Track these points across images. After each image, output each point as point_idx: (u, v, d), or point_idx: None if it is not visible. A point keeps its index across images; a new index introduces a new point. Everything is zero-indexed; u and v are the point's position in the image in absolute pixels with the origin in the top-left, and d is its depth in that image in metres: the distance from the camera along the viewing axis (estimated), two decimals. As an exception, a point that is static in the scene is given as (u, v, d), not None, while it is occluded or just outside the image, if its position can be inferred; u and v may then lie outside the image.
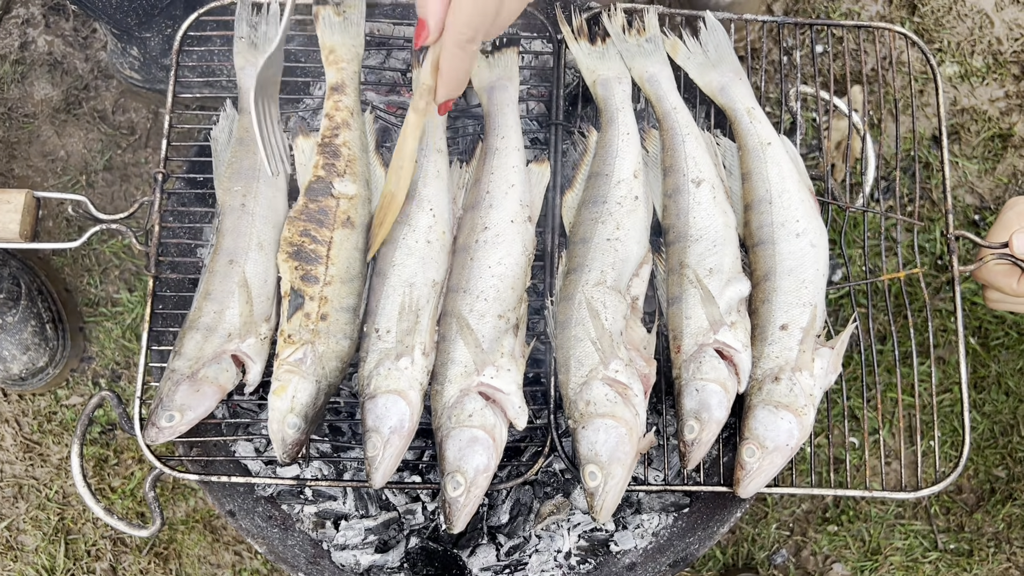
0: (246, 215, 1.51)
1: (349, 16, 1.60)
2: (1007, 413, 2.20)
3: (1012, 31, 2.43)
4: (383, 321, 1.44)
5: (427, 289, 1.46)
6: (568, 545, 1.70)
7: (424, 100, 1.34)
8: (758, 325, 1.46)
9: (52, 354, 2.11)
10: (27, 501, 2.15)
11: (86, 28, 2.38)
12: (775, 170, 1.52)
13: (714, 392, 1.40)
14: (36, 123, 2.32)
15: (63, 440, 2.17)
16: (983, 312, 2.23)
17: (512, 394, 1.40)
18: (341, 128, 1.54)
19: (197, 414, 1.43)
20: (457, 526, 1.36)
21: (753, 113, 1.58)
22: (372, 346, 1.44)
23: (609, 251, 1.47)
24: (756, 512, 2.16)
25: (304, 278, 1.45)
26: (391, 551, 1.68)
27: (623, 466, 1.34)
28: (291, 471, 1.69)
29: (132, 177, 2.30)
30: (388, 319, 1.44)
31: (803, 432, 1.39)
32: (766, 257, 1.48)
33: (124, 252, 2.25)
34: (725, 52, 1.62)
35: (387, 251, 1.49)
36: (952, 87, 2.40)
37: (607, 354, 1.39)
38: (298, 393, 1.40)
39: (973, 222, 2.32)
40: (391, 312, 1.44)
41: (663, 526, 1.70)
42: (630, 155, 1.54)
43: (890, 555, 2.13)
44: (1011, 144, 2.36)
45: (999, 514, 2.14)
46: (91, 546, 2.13)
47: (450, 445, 1.37)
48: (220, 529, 2.14)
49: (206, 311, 1.46)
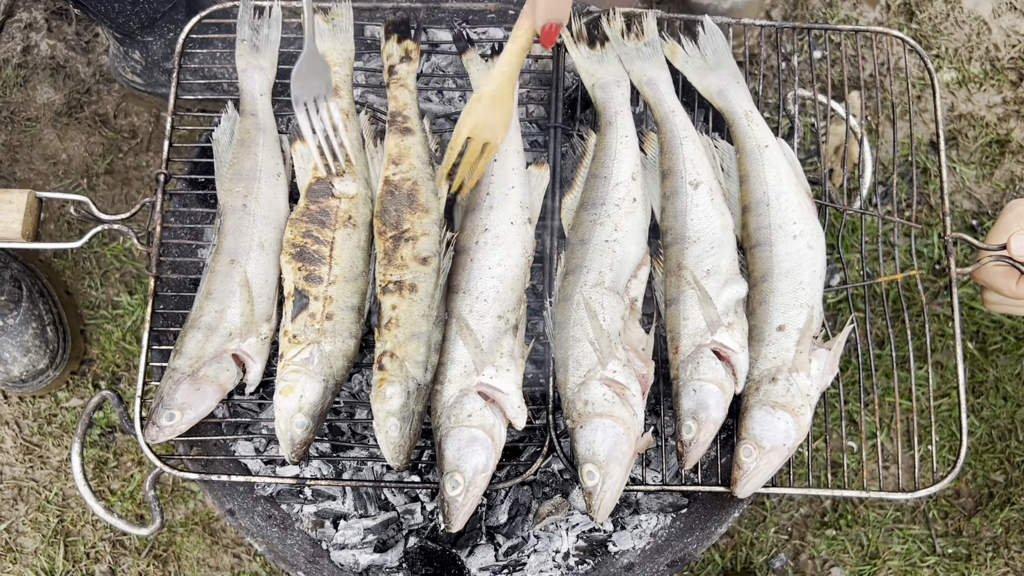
0: (247, 215, 1.52)
1: (338, 23, 1.65)
2: (1005, 418, 2.20)
3: (1009, 37, 2.44)
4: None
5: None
6: (566, 545, 1.70)
7: (523, 27, 1.28)
8: (755, 326, 1.47)
9: (53, 356, 2.11)
10: (26, 503, 2.15)
11: (88, 32, 2.39)
12: (772, 173, 1.53)
13: (712, 392, 1.40)
14: (38, 127, 2.34)
15: (63, 442, 2.17)
16: (981, 316, 2.24)
17: (511, 394, 1.41)
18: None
19: (198, 413, 1.44)
20: (456, 526, 1.36)
21: (751, 117, 1.59)
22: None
23: (607, 252, 1.47)
24: (754, 516, 2.17)
25: (308, 278, 1.46)
26: (390, 551, 1.69)
27: (621, 466, 1.35)
28: (290, 470, 1.69)
29: (133, 181, 2.31)
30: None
31: (800, 432, 1.40)
32: (763, 259, 1.49)
33: (125, 255, 2.26)
34: (723, 56, 1.63)
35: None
36: (950, 93, 2.41)
37: (605, 354, 1.40)
38: (306, 393, 1.41)
39: (971, 227, 2.32)
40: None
41: (661, 526, 1.70)
42: (628, 158, 1.55)
43: (888, 559, 2.13)
44: (1008, 150, 2.37)
45: (997, 518, 2.15)
46: (90, 548, 2.13)
47: (449, 445, 1.38)
48: (219, 531, 2.14)
49: (207, 310, 1.46)
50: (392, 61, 1.61)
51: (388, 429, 1.39)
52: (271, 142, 1.59)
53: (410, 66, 1.60)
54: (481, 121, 1.41)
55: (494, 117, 1.40)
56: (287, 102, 1.81)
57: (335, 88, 1.59)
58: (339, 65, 1.62)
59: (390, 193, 1.50)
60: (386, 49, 1.63)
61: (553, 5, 1.21)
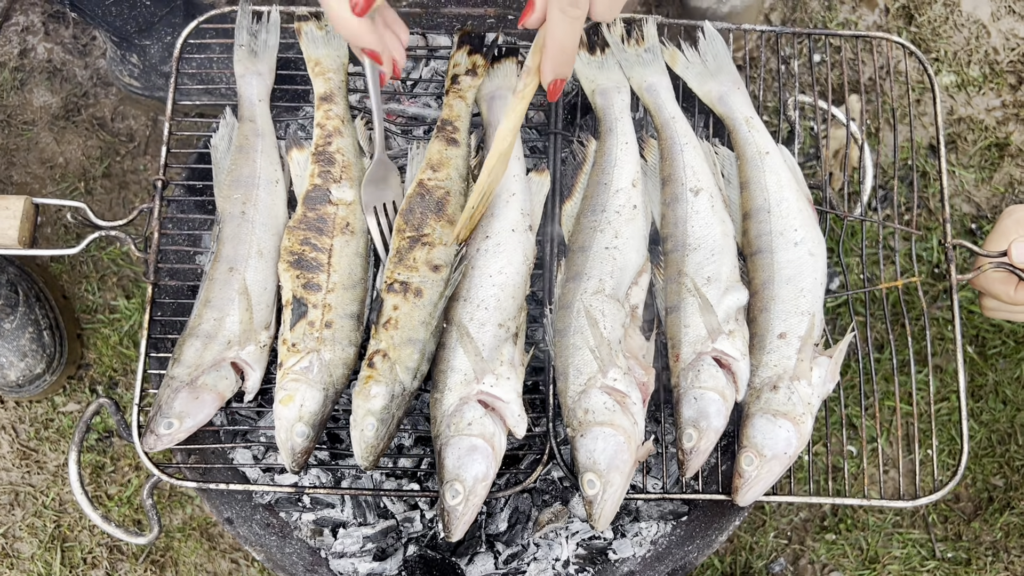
0: (246, 223, 1.51)
1: (331, 29, 1.63)
2: (1005, 422, 2.20)
3: (1008, 41, 2.44)
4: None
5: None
6: (566, 553, 1.69)
7: (523, 82, 1.29)
8: (756, 334, 1.46)
9: (49, 361, 2.10)
10: (23, 508, 2.14)
11: (86, 36, 2.38)
12: (773, 179, 1.52)
13: (712, 400, 1.40)
14: (35, 130, 2.33)
15: (60, 447, 2.17)
16: (980, 321, 2.24)
17: (511, 402, 1.40)
18: (334, 136, 1.56)
19: (196, 421, 1.43)
20: (455, 534, 1.36)
21: (751, 122, 1.58)
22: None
23: (608, 259, 1.47)
24: (754, 521, 2.16)
25: (306, 286, 1.45)
26: (389, 559, 1.68)
27: (621, 474, 1.34)
28: (289, 479, 1.68)
29: (131, 185, 2.30)
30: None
31: (801, 440, 1.39)
32: (764, 266, 1.48)
33: (122, 259, 2.25)
34: (723, 62, 1.63)
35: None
36: (949, 97, 2.41)
37: (605, 362, 1.39)
38: (306, 402, 1.40)
39: (970, 231, 2.32)
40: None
41: (661, 534, 1.70)
42: (629, 164, 1.54)
43: (888, 564, 2.13)
44: (1008, 153, 2.36)
45: (997, 523, 2.14)
46: (87, 553, 2.13)
47: (449, 453, 1.37)
48: (217, 537, 2.13)
49: (206, 318, 1.46)
50: (458, 71, 1.61)
51: (364, 428, 1.38)
52: (270, 148, 1.58)
53: (474, 81, 1.60)
54: (496, 179, 1.41)
55: (501, 171, 1.41)
56: (285, 108, 1.81)
57: (330, 95, 1.59)
58: (333, 72, 1.62)
59: (420, 196, 1.50)
60: (455, 58, 1.62)
61: (560, 59, 1.23)
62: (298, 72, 1.65)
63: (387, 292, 1.44)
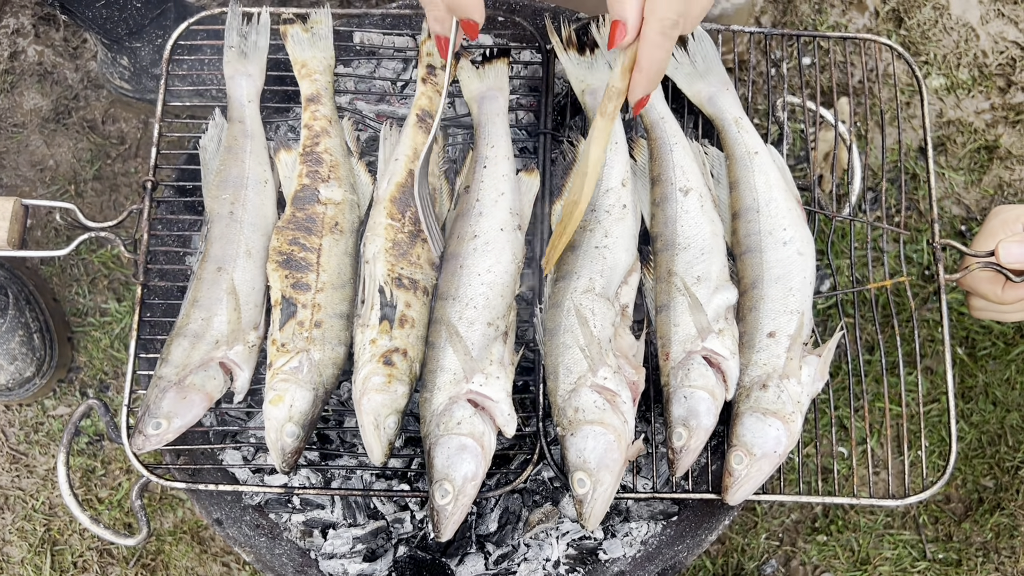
0: (234, 223, 1.51)
1: (317, 31, 1.65)
2: (994, 423, 2.21)
3: (997, 44, 2.45)
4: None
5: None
6: (557, 554, 1.69)
7: (612, 104, 1.31)
8: (746, 333, 1.46)
9: (39, 364, 2.10)
10: (13, 512, 2.13)
11: (76, 38, 2.38)
12: (762, 179, 1.53)
13: (702, 399, 1.40)
14: (25, 132, 2.32)
15: (50, 451, 2.16)
16: (970, 322, 2.25)
17: (501, 402, 1.40)
18: (321, 136, 1.57)
19: (184, 422, 1.43)
20: (445, 534, 1.35)
21: (741, 123, 1.59)
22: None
23: (597, 259, 1.47)
24: (745, 522, 2.16)
25: (295, 286, 1.45)
26: (379, 560, 1.67)
27: (611, 473, 1.34)
28: (278, 479, 1.68)
29: (121, 187, 2.30)
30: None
31: (791, 439, 1.40)
32: (754, 265, 1.48)
33: (112, 262, 2.25)
34: (713, 63, 1.63)
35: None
36: (938, 99, 2.42)
37: (596, 361, 1.39)
38: (296, 402, 1.40)
39: (959, 233, 2.33)
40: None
41: (652, 534, 1.70)
42: (618, 164, 1.55)
43: (879, 565, 2.13)
44: (997, 156, 2.38)
45: (987, 524, 2.15)
46: (78, 557, 2.12)
47: (438, 453, 1.37)
48: (208, 540, 2.13)
49: (194, 318, 1.45)
50: (433, 61, 1.62)
51: (387, 426, 1.41)
52: (259, 149, 1.58)
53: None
54: (586, 205, 1.42)
55: (589, 194, 1.41)
56: (275, 109, 1.81)
57: (316, 96, 1.60)
58: (319, 73, 1.62)
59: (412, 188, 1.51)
60: (425, 46, 1.63)
61: (655, 77, 1.25)
62: (288, 73, 1.66)
63: (398, 288, 1.44)
